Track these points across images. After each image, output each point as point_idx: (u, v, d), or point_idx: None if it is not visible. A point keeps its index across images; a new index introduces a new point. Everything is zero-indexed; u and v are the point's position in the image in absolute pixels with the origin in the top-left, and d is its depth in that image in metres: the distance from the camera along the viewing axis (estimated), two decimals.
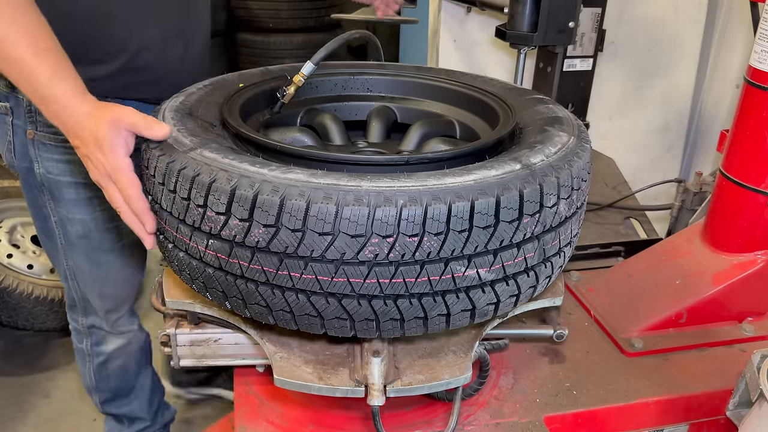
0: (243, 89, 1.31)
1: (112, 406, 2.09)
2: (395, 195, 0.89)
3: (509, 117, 1.21)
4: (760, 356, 1.18)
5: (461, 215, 0.90)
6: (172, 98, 1.24)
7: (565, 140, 1.10)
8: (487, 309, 1.01)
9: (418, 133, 1.32)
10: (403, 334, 1.01)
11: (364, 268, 0.91)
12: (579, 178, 1.05)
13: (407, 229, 0.88)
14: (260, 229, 0.90)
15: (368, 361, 1.04)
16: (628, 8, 2.76)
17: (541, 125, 1.18)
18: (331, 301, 0.94)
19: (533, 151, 1.04)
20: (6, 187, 2.94)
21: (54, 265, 1.74)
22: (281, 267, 0.92)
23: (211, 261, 0.98)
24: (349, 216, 0.87)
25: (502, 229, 0.93)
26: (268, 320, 1.01)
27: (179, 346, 1.24)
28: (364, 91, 1.47)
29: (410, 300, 0.95)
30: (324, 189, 0.89)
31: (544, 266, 1.04)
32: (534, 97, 1.34)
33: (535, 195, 0.96)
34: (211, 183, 0.93)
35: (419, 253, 0.90)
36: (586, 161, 1.09)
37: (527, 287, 1.03)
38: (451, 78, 1.45)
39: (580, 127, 1.19)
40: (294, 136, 1.30)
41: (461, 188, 0.92)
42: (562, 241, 1.06)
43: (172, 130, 1.06)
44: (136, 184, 1.04)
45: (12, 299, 2.57)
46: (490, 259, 0.95)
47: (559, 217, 1.01)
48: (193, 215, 0.96)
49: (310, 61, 1.30)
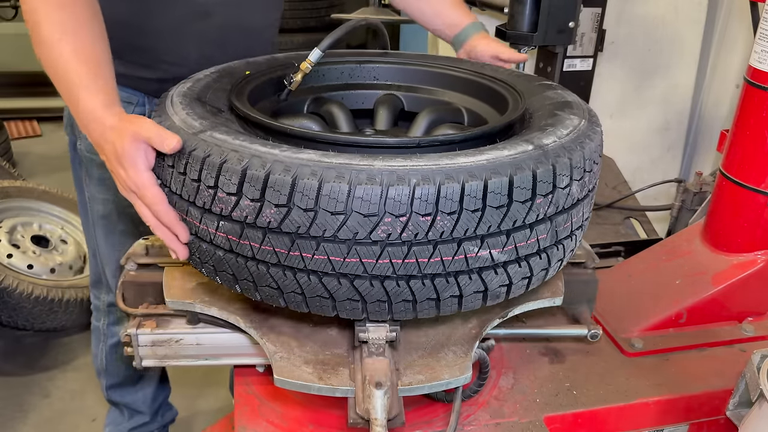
0: (250, 76, 1.30)
1: (117, 394, 2.10)
2: (408, 174, 0.88)
3: (518, 102, 1.20)
4: (760, 356, 1.18)
5: (474, 194, 0.89)
6: (180, 84, 1.23)
7: (576, 123, 1.09)
8: (499, 291, 1.00)
9: (426, 121, 1.32)
10: (416, 317, 1.00)
11: (377, 248, 0.90)
12: (591, 160, 1.04)
13: (420, 208, 0.88)
14: (272, 209, 0.90)
15: (370, 394, 1.00)
16: (628, 8, 2.76)
17: (551, 110, 1.17)
18: (343, 282, 0.93)
19: (545, 133, 1.04)
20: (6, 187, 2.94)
21: (85, 240, 1.89)
22: (293, 248, 0.91)
23: (221, 243, 0.97)
24: (362, 195, 0.87)
25: (515, 209, 0.93)
26: (279, 303, 1.00)
27: (141, 346, 1.24)
28: (370, 80, 1.47)
29: (423, 281, 0.94)
30: (336, 168, 0.88)
31: (556, 249, 1.04)
32: (542, 83, 1.33)
33: (548, 175, 0.95)
34: (222, 164, 0.92)
35: (432, 233, 0.89)
36: (597, 143, 1.08)
37: (539, 269, 1.03)
38: (458, 65, 1.44)
39: (590, 111, 1.18)
40: (302, 122, 1.29)
41: (474, 167, 0.91)
42: (574, 224, 1.05)
43: (179, 141, 1.03)
44: (160, 198, 1.03)
45: (12, 299, 2.57)
46: (503, 239, 0.94)
47: (572, 199, 1.01)
48: (204, 197, 0.95)
49: (318, 48, 1.29)
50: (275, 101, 1.35)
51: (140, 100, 1.63)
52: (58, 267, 2.84)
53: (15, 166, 4.18)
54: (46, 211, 3.06)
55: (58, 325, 2.77)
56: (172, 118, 1.07)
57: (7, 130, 4.51)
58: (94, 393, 2.61)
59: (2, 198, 2.89)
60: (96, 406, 2.55)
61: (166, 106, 1.12)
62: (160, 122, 1.06)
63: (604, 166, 2.43)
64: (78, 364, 2.78)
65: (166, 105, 1.13)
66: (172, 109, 1.10)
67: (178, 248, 1.05)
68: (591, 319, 1.39)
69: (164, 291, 1.22)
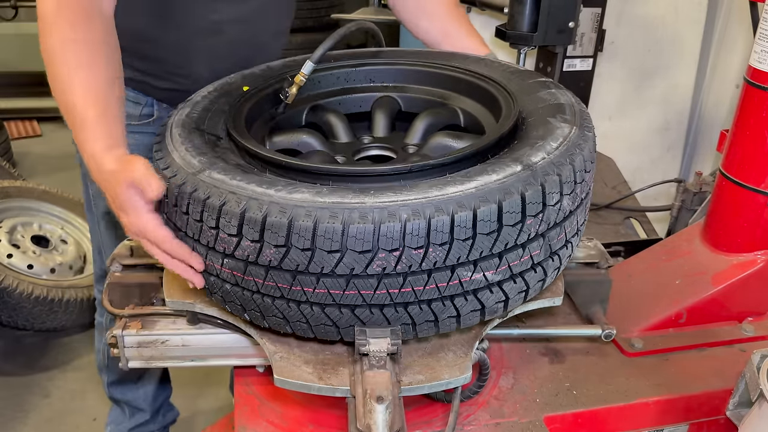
0: (246, 94, 1.31)
1: (118, 391, 2.11)
2: (398, 209, 0.91)
3: (511, 108, 1.20)
4: (760, 356, 1.18)
5: (464, 224, 0.91)
6: (179, 110, 1.25)
7: (566, 132, 1.09)
8: (496, 307, 1.02)
9: (423, 125, 1.32)
10: (416, 336, 1.04)
11: (374, 280, 0.93)
12: (582, 171, 1.04)
13: (412, 242, 0.90)
14: (271, 250, 0.93)
15: (372, 409, 0.99)
16: (628, 8, 2.76)
17: (544, 116, 1.16)
18: (345, 311, 0.97)
19: (534, 148, 1.04)
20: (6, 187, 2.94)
21: (90, 236, 1.92)
22: (294, 283, 0.95)
23: (227, 278, 1.01)
24: (355, 233, 0.90)
25: (506, 232, 0.94)
26: (286, 330, 1.04)
27: (126, 347, 1.24)
28: (366, 82, 1.47)
29: (420, 306, 0.97)
30: (329, 208, 0.91)
31: (552, 260, 1.05)
32: (537, 80, 1.32)
33: (537, 196, 0.96)
34: (221, 206, 0.95)
35: (426, 263, 0.92)
36: (588, 151, 1.08)
37: (535, 282, 1.04)
38: (452, 63, 1.43)
39: (583, 113, 1.18)
40: (300, 138, 1.30)
41: (463, 197, 0.92)
42: (569, 234, 1.06)
43: (161, 188, 1.04)
44: (167, 236, 1.04)
45: (12, 299, 2.57)
46: (496, 261, 0.96)
47: (564, 213, 1.01)
48: (207, 236, 0.98)
49: (310, 60, 1.30)
50: (273, 115, 1.36)
51: (148, 101, 1.64)
52: (58, 267, 2.85)
53: (15, 166, 4.18)
54: (46, 211, 3.06)
55: (58, 325, 2.78)
56: (172, 155, 1.09)
57: (7, 130, 4.51)
58: (95, 393, 2.61)
59: (2, 198, 2.89)
60: (96, 405, 2.55)
61: (166, 139, 1.14)
62: (162, 158, 1.09)
63: (604, 166, 2.44)
64: (78, 364, 2.78)
65: (166, 138, 1.15)
66: (171, 144, 1.12)
67: (195, 278, 1.06)
68: (604, 318, 1.39)
69: (164, 291, 1.22)
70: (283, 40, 1.74)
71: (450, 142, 1.25)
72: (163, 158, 1.10)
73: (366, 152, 1.32)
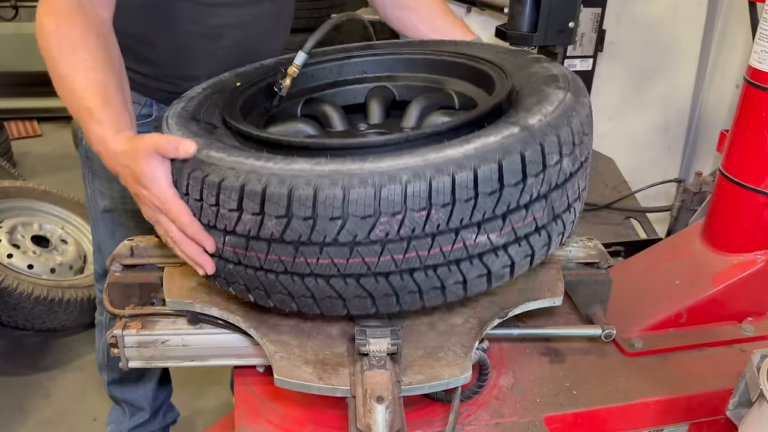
0: (241, 88, 1.32)
1: (117, 390, 2.11)
2: (399, 172, 0.90)
3: (504, 82, 1.20)
4: (760, 356, 1.18)
5: (466, 184, 0.91)
6: (173, 105, 1.25)
7: (561, 97, 1.09)
8: (503, 272, 1.01)
9: (417, 109, 1.32)
10: (423, 306, 1.02)
11: (377, 246, 0.92)
12: (580, 133, 1.05)
13: (414, 204, 0.90)
14: (273, 221, 0.92)
15: (371, 409, 0.99)
16: (628, 8, 2.76)
17: (537, 86, 1.17)
18: (350, 281, 0.96)
19: (530, 112, 1.04)
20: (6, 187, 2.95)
21: (91, 234, 1.94)
22: (297, 255, 0.94)
23: (230, 257, 1.00)
24: (356, 198, 0.89)
25: (508, 192, 0.94)
26: (292, 307, 1.03)
27: (126, 347, 1.24)
28: (359, 74, 1.47)
29: (425, 272, 0.96)
30: (329, 175, 0.91)
31: (555, 224, 1.04)
32: (529, 57, 1.32)
33: (537, 155, 0.96)
34: (220, 182, 0.95)
35: (429, 226, 0.91)
36: (585, 115, 1.08)
37: (540, 246, 1.04)
38: (443, 49, 1.43)
39: (576, 82, 1.18)
40: (296, 127, 1.30)
41: (463, 158, 0.92)
42: (570, 197, 1.06)
43: (196, 145, 1.04)
44: (185, 210, 1.03)
45: (12, 299, 2.57)
46: (500, 223, 0.95)
47: (564, 174, 1.01)
48: (208, 215, 0.98)
49: (302, 50, 1.31)
50: (268, 108, 1.36)
51: (148, 101, 1.65)
52: (58, 267, 2.85)
53: (15, 166, 4.19)
54: (46, 211, 3.06)
55: (58, 325, 2.78)
56: None
57: (7, 130, 4.52)
58: (95, 393, 2.61)
59: (2, 198, 2.89)
60: (97, 405, 2.55)
61: (163, 129, 1.14)
62: None
63: (604, 166, 2.44)
64: (78, 364, 2.78)
65: (162, 129, 1.15)
66: (168, 131, 1.12)
67: (205, 262, 1.05)
68: (604, 318, 1.39)
69: (164, 291, 1.22)
70: (281, 45, 1.76)
71: (446, 120, 1.24)
72: None
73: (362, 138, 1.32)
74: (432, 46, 1.47)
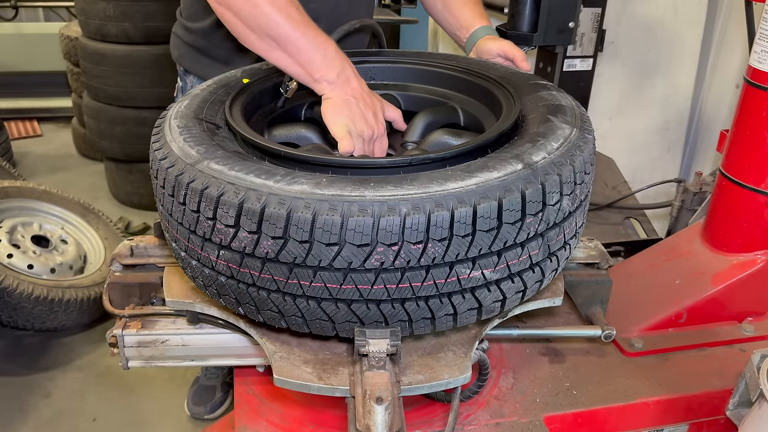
0: (246, 86, 1.31)
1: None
2: (398, 203, 0.90)
3: (512, 106, 1.20)
4: (760, 356, 1.18)
5: (464, 220, 0.90)
6: (178, 102, 1.24)
7: (567, 133, 1.09)
8: (493, 306, 1.02)
9: (422, 122, 1.32)
10: (412, 333, 1.02)
11: (371, 275, 0.92)
12: (582, 172, 1.04)
13: (411, 237, 0.90)
14: (269, 241, 0.92)
15: (371, 410, 0.99)
16: (628, 8, 2.76)
17: (544, 114, 1.17)
18: (341, 306, 0.96)
19: (535, 146, 1.04)
20: (6, 187, 2.94)
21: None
22: (291, 276, 0.94)
23: (223, 270, 0.99)
24: (354, 227, 0.89)
25: (506, 230, 0.94)
26: (281, 324, 1.03)
27: (126, 347, 1.24)
28: (367, 80, 1.46)
29: (417, 302, 0.96)
30: (329, 200, 0.90)
31: (550, 261, 1.04)
32: (537, 82, 1.33)
33: (538, 195, 0.96)
34: (219, 197, 0.94)
35: (424, 259, 0.91)
36: (588, 153, 1.08)
37: (533, 282, 1.04)
38: (453, 63, 1.44)
39: (583, 116, 1.18)
40: (299, 132, 1.30)
41: (463, 193, 0.92)
42: (567, 235, 1.06)
43: None
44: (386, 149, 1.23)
45: (12, 299, 2.57)
46: (495, 259, 0.95)
47: (563, 213, 1.01)
48: (204, 227, 0.97)
49: None
50: (273, 108, 1.36)
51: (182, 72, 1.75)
52: (58, 267, 2.84)
53: (15, 166, 4.19)
54: (46, 211, 3.05)
55: (58, 325, 2.77)
56: (170, 145, 1.07)
57: (7, 130, 4.51)
58: (95, 393, 2.61)
59: (2, 198, 2.89)
60: (96, 405, 2.55)
61: (165, 130, 1.13)
62: (159, 148, 1.08)
63: (604, 166, 2.44)
64: (78, 364, 2.77)
65: (164, 129, 1.13)
66: (170, 134, 1.11)
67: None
68: (604, 319, 1.39)
69: (164, 291, 1.22)
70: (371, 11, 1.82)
71: (449, 139, 1.25)
72: (161, 148, 1.08)
73: None
74: (443, 59, 1.47)
